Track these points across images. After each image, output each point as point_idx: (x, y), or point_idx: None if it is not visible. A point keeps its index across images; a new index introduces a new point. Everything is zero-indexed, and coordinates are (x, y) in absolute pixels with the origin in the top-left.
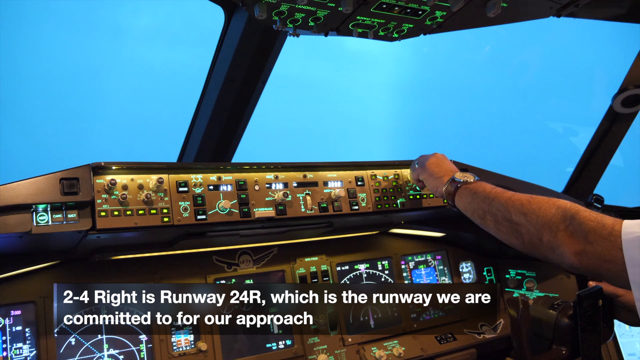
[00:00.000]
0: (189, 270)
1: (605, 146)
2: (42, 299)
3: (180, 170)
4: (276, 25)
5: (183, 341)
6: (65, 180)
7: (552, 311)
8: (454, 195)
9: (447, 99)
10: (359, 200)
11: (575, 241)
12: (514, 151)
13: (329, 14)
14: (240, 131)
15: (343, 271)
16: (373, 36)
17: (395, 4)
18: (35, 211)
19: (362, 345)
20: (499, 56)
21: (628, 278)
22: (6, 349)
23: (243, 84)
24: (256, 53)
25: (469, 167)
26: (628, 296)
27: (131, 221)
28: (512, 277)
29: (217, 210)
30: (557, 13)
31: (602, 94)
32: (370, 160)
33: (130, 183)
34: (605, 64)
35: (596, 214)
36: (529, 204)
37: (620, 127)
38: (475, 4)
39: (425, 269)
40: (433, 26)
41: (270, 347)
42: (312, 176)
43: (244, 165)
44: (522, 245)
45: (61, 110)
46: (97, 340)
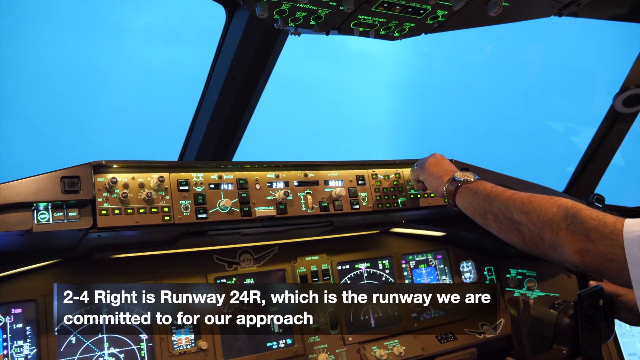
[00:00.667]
0: (190, 269)
1: (606, 146)
2: (43, 297)
3: (181, 169)
4: (277, 24)
5: (183, 340)
6: (66, 178)
7: (552, 311)
8: (454, 195)
9: (447, 98)
10: (360, 199)
11: (576, 240)
12: (515, 151)
13: (330, 13)
14: (241, 130)
15: (344, 270)
16: (374, 35)
17: (396, 3)
18: (36, 209)
19: (362, 345)
20: (500, 56)
21: (629, 277)
22: (7, 347)
23: (244, 82)
24: (257, 52)
25: (469, 166)
26: (629, 295)
27: (132, 220)
28: (512, 277)
29: (217, 209)
30: (558, 12)
31: (603, 93)
32: (371, 160)
33: (131, 182)
34: (607, 63)
35: (598, 213)
36: (530, 203)
37: (621, 126)
38: (476, 3)
39: (426, 268)
40: (434, 25)
41: (270, 346)
42: (313, 175)
43: (244, 164)
44: (523, 244)
45: (62, 109)
46: (98, 339)
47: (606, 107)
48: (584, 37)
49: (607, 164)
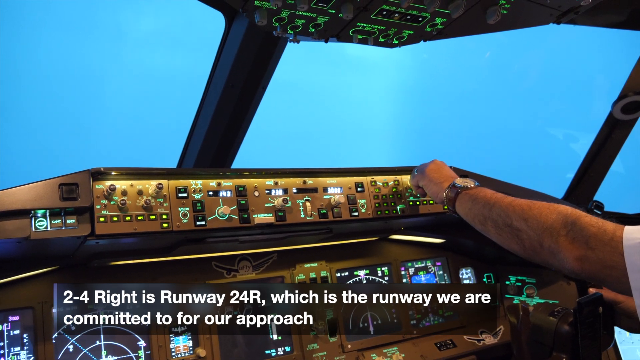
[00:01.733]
0: (188, 276)
1: (605, 152)
2: (41, 304)
3: (180, 176)
4: (276, 31)
5: (182, 347)
6: (65, 185)
7: (552, 318)
8: (454, 201)
9: (447, 105)
10: (359, 206)
11: (576, 247)
12: (514, 157)
13: (329, 21)
14: (240, 137)
15: (343, 277)
16: (373, 42)
17: (395, 11)
18: (34, 216)
19: (361, 352)
20: (499, 62)
21: (629, 284)
22: (4, 354)
23: (243, 89)
24: (256, 59)
25: (469, 173)
26: (628, 303)
27: (130, 227)
28: (512, 284)
29: (216, 216)
30: (556, 20)
31: (602, 100)
32: (370, 167)
33: (130, 189)
34: (605, 70)
35: (597, 220)
36: (529, 210)
37: (620, 133)
38: (475, 10)
39: (425, 275)
40: (433, 33)
41: (269, 353)
42: (312, 182)
43: (243, 171)
44: (522, 250)
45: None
46: (96, 346)
47: (605, 114)
48: (582, 44)
49: (606, 170)
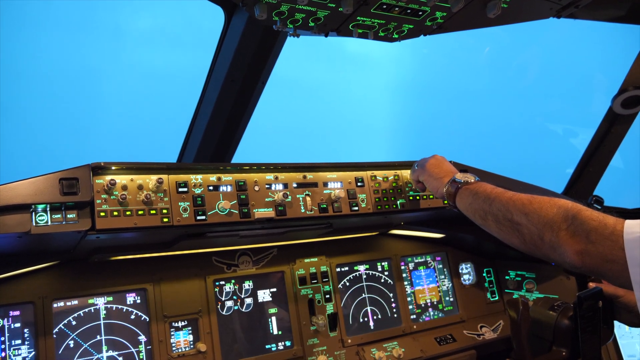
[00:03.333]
0: (188, 270)
1: (605, 147)
2: (41, 299)
3: (180, 171)
4: (276, 25)
5: (182, 342)
6: (65, 180)
7: (552, 312)
8: (454, 196)
9: (447, 100)
10: (359, 201)
11: (576, 241)
12: (514, 152)
13: (329, 15)
14: (240, 132)
15: (343, 272)
16: (373, 37)
17: (395, 5)
18: (34, 211)
19: (361, 347)
20: (498, 57)
21: (629, 278)
22: (5, 349)
23: (243, 84)
24: (256, 53)
25: (469, 168)
26: (628, 297)
27: (131, 221)
28: (511, 279)
29: (216, 211)
30: (557, 14)
31: (602, 95)
32: (370, 161)
33: (130, 183)
34: (605, 65)
35: (598, 214)
36: (530, 204)
37: (620, 128)
38: (475, 4)
39: (425, 270)
40: (433, 27)
41: (269, 348)
42: (312, 177)
43: (243, 166)
44: (523, 245)
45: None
46: (96, 341)
47: (605, 109)
48: (582, 39)
49: (606, 165)
